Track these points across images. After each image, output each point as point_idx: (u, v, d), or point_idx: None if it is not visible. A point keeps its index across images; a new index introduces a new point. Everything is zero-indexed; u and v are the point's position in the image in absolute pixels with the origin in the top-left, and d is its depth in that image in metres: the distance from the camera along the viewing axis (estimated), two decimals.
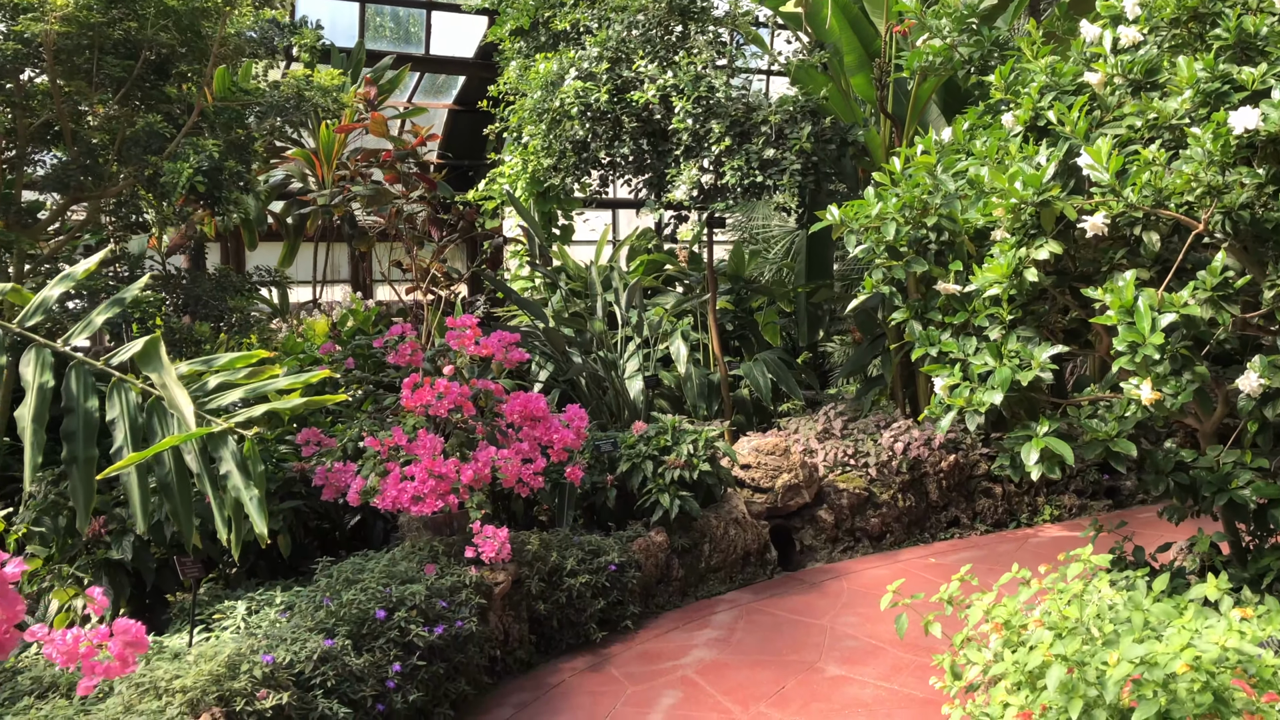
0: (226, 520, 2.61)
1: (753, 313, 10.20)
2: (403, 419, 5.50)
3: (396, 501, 5.13)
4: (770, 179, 7.55)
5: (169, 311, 5.21)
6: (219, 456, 2.57)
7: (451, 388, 5.44)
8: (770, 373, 8.68)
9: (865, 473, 7.62)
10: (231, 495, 2.56)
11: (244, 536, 2.71)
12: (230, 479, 2.54)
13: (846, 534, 7.43)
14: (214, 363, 2.78)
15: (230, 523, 2.65)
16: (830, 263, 9.42)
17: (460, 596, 4.96)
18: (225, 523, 2.61)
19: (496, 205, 11.11)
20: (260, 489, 2.56)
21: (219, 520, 2.59)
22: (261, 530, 2.56)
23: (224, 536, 2.63)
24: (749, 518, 6.86)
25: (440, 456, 5.30)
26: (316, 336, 8.01)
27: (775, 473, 7.19)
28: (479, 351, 5.64)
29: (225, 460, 2.56)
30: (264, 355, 2.87)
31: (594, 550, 5.93)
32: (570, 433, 5.83)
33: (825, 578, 6.87)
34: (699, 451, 6.65)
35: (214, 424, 2.59)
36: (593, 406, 7.74)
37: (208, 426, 2.57)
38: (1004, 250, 4.02)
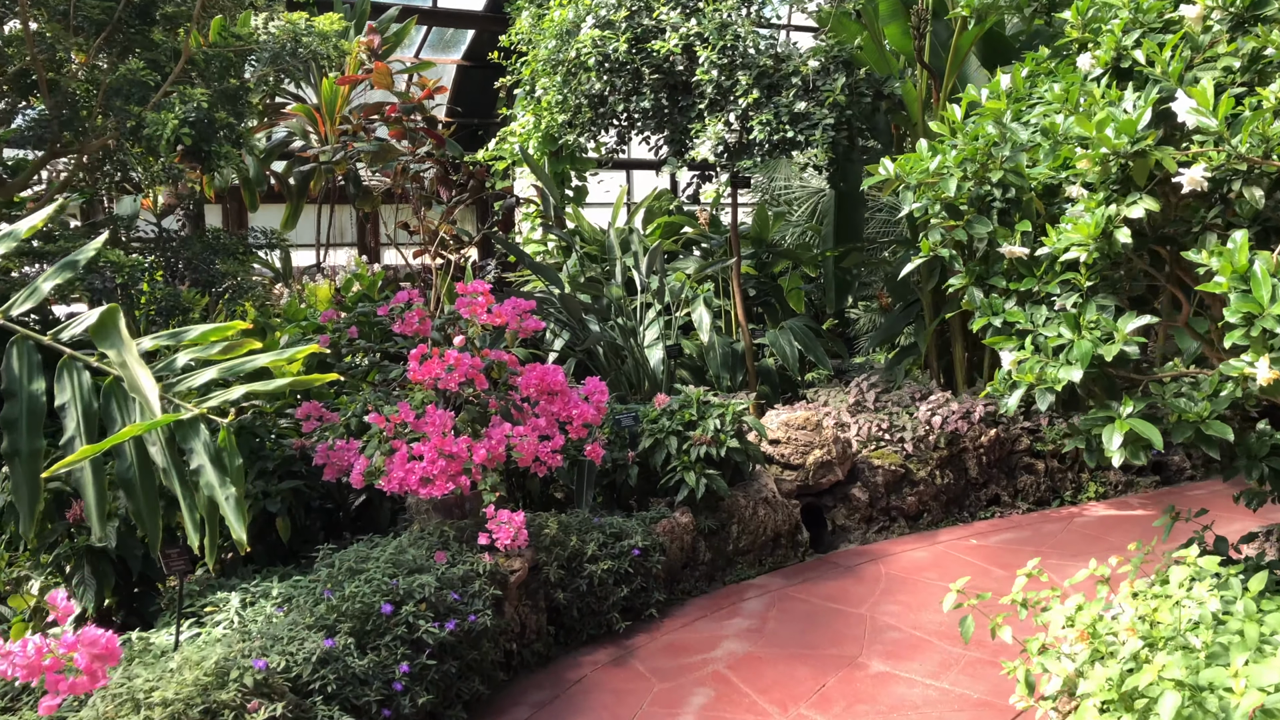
0: (198, 523, 2.20)
1: (776, 278, 9.72)
2: (410, 393, 5.07)
3: (403, 484, 4.71)
4: (801, 134, 7.05)
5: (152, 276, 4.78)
6: (189, 448, 2.15)
7: (462, 359, 5.01)
8: (797, 341, 8.22)
9: (901, 448, 7.18)
10: (204, 494, 2.14)
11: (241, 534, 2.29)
12: (202, 474, 2.13)
13: (881, 513, 7.01)
14: (183, 336, 2.36)
15: (203, 526, 2.23)
16: (861, 225, 8.93)
17: (473, 587, 4.56)
18: (196, 526, 2.20)
19: (507, 165, 10.63)
20: (238, 486, 2.14)
21: (189, 523, 2.18)
22: (240, 536, 2.14)
23: (195, 542, 2.22)
24: (779, 497, 6.44)
25: (450, 434, 4.88)
26: (319, 302, 7.57)
27: (806, 448, 6.76)
28: (492, 320, 5.20)
29: (196, 452, 2.14)
30: (242, 326, 2.44)
31: (616, 533, 5.52)
32: (590, 408, 5.40)
33: (861, 561, 6.45)
34: (726, 426, 6.22)
35: (183, 410, 2.16)
36: (611, 377, 7.31)
37: (175, 413, 2.15)
38: (1090, 208, 3.54)
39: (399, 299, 5.17)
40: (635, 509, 6.26)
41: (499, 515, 4.71)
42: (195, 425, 2.14)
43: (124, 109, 4.63)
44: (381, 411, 4.93)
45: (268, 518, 5.13)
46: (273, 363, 2.33)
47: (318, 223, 9.76)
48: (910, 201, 4.16)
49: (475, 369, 5.10)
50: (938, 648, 5.11)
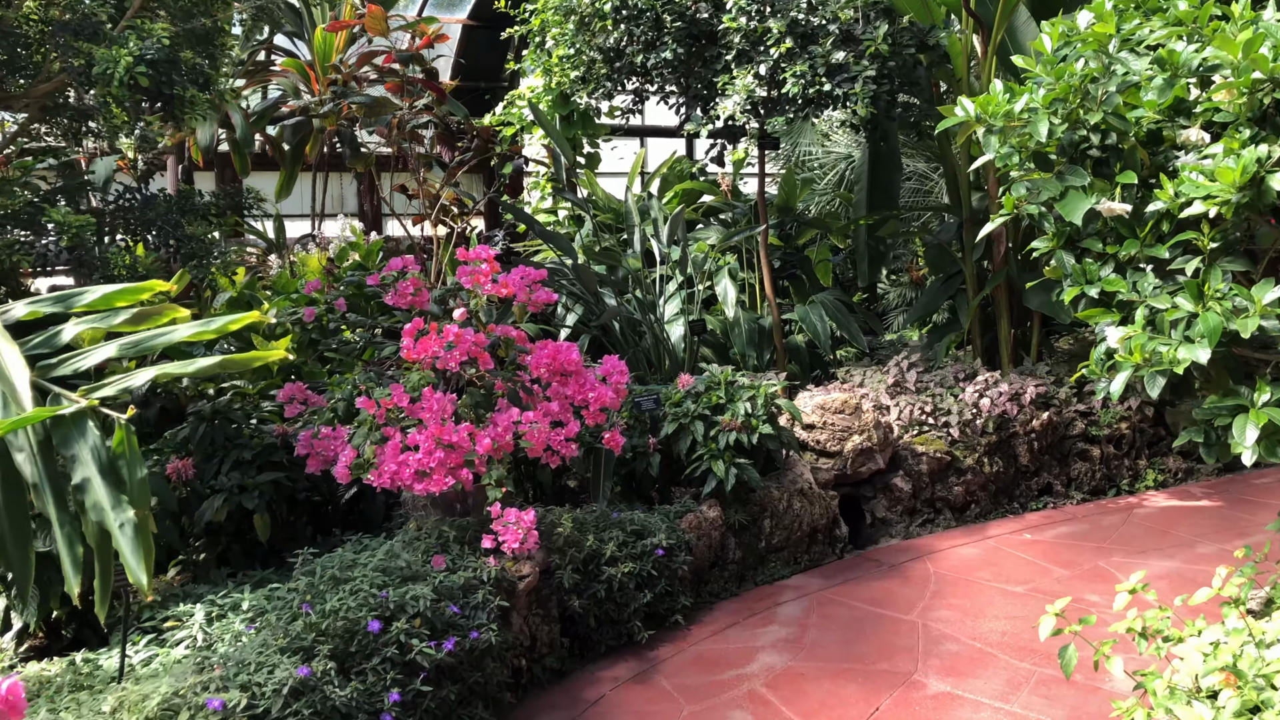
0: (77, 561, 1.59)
1: (801, 249, 9.07)
2: (405, 374, 4.47)
3: (396, 478, 4.11)
4: (839, 88, 6.39)
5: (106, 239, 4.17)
6: (71, 455, 1.54)
7: (464, 335, 4.40)
8: (829, 316, 7.58)
9: (946, 433, 6.56)
10: (91, 519, 1.54)
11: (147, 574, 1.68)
12: (89, 491, 1.53)
13: (925, 505, 6.40)
14: (76, 301, 1.75)
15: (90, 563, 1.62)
16: (897, 191, 8.27)
17: (476, 598, 3.96)
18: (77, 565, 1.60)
19: (515, 131, 9.97)
20: (140, 507, 1.55)
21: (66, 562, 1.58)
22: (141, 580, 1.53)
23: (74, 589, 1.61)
24: (815, 488, 5.82)
25: (450, 421, 4.27)
26: (309, 273, 6.97)
27: (844, 434, 6.14)
28: (497, 291, 4.58)
29: (81, 461, 1.54)
30: (160, 288, 1.82)
31: (637, 531, 4.92)
32: (608, 390, 4.79)
33: (905, 558, 5.84)
34: (758, 410, 5.60)
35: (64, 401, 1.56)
36: (628, 355, 6.69)
37: (51, 406, 1.55)
38: (1232, 148, 2.90)
39: (392, 266, 4.56)
40: (656, 501, 5.66)
41: (506, 514, 4.11)
42: (80, 423, 1.54)
43: (72, 45, 4.01)
44: (372, 395, 4.32)
45: (245, 514, 4.54)
46: (195, 335, 1.72)
47: (312, 189, 9.13)
48: (994, 147, 3.51)
49: (479, 346, 4.49)
50: (1003, 662, 4.50)
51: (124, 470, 1.55)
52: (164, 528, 4.27)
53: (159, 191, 4.57)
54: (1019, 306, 7.76)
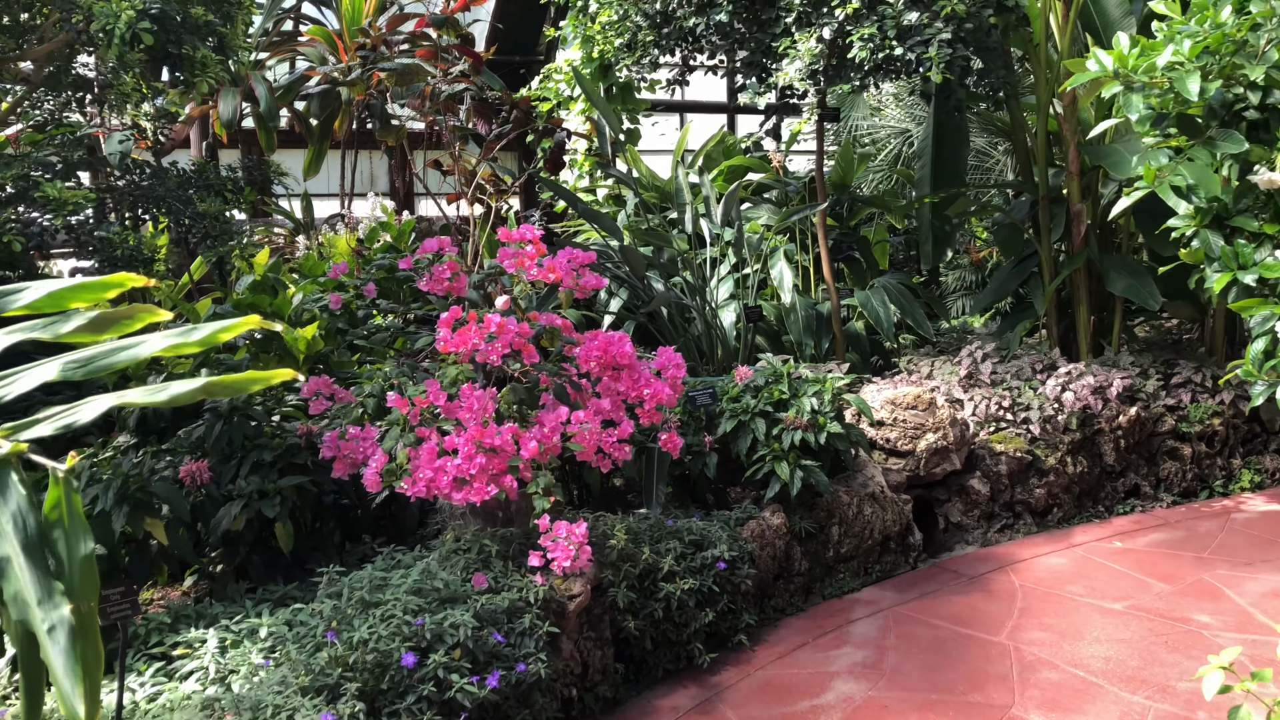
0: None
1: (856, 229, 8.50)
2: (441, 368, 4.01)
3: (432, 486, 3.66)
4: (911, 51, 5.83)
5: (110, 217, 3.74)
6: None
7: (507, 325, 3.93)
8: (892, 302, 7.04)
9: (1025, 431, 6.02)
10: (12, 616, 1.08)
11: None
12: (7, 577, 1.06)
13: (1004, 509, 5.87)
14: (9, 302, 1.29)
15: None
16: (964, 166, 7.70)
17: (522, 623, 3.51)
18: None
19: (552, 107, 9.48)
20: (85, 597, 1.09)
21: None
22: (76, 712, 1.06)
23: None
24: (888, 491, 5.32)
25: (492, 421, 3.81)
26: (337, 255, 6.53)
27: (917, 432, 5.63)
28: (543, 276, 4.11)
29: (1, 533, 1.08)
30: (134, 283, 1.36)
31: (696, 541, 4.45)
32: (664, 386, 4.31)
33: (986, 568, 5.33)
34: (825, 407, 5.10)
35: None
36: (679, 344, 6.20)
37: None
38: None
39: (426, 248, 4.09)
40: (712, 505, 5.19)
41: (556, 528, 3.65)
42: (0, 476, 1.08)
43: (71, 1, 3.56)
44: (405, 391, 3.87)
45: (265, 522, 4.11)
46: (171, 349, 1.26)
47: (341, 167, 8.69)
48: (1137, 107, 2.98)
49: (523, 337, 4.02)
50: (1112, 695, 3.99)
51: (60, 545, 1.10)
52: (176, 538, 3.85)
53: (170, 165, 4.12)
54: (1099, 291, 7.19)
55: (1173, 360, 6.94)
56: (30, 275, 4.97)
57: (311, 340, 5.71)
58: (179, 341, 1.27)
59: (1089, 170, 6.97)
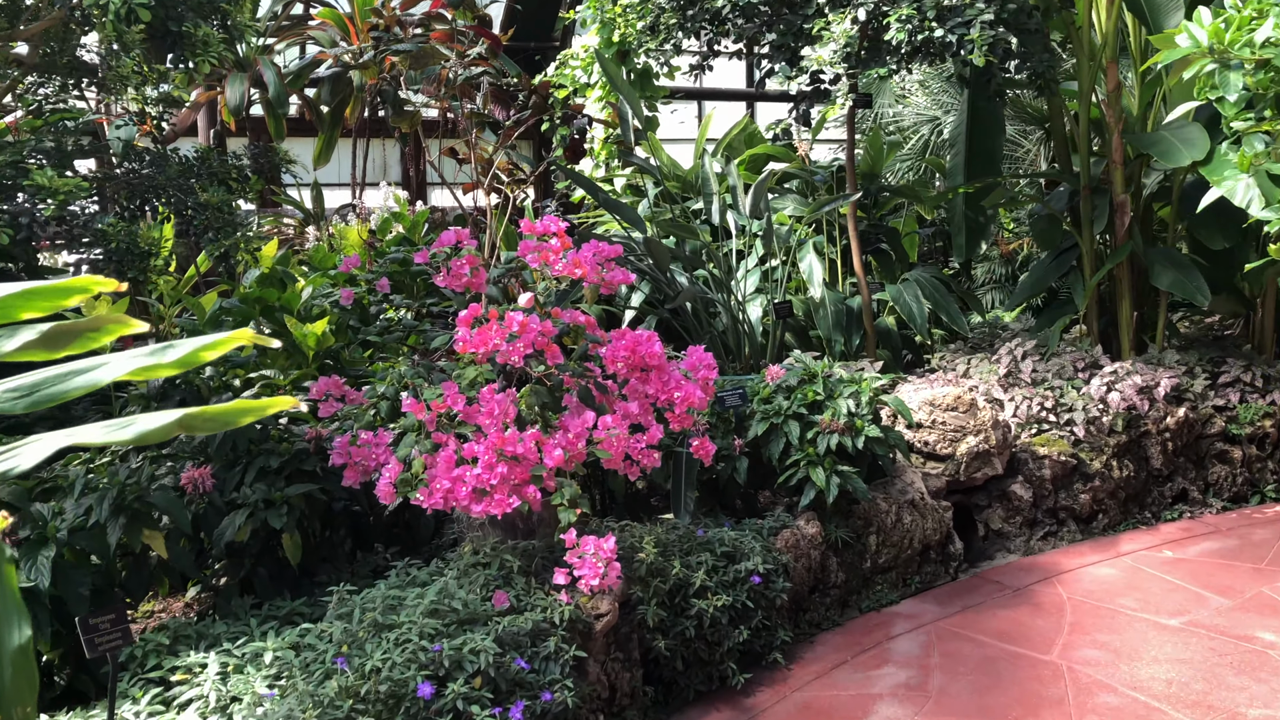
0: None
1: (882, 220, 8.21)
2: (458, 368, 3.75)
3: (450, 498, 3.40)
4: (952, 33, 5.54)
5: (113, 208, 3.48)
6: None
7: (529, 323, 3.66)
8: (925, 297, 6.75)
9: (1069, 433, 5.73)
10: None
11: None
12: None
13: (1047, 515, 5.59)
14: None
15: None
16: (999, 155, 7.39)
17: (547, 646, 3.25)
18: None
19: (568, 94, 9.20)
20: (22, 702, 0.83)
21: None
22: None
23: None
24: (927, 498, 5.04)
25: (513, 426, 3.55)
26: (348, 247, 6.28)
27: (957, 435, 5.34)
28: (569, 271, 3.83)
29: None
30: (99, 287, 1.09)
31: (729, 553, 4.18)
32: (695, 388, 4.04)
33: (1030, 580, 5.06)
34: (862, 409, 4.83)
35: None
36: (707, 341, 5.93)
37: None
38: None
39: (443, 240, 3.83)
40: (741, 511, 4.93)
41: (583, 543, 3.39)
42: None
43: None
44: (421, 395, 3.61)
45: (271, 532, 3.86)
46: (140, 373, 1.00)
47: (353, 155, 8.43)
48: (1234, 86, 2.69)
49: (546, 337, 3.76)
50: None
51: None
52: (176, 551, 3.60)
53: (172, 151, 3.87)
54: (1142, 286, 6.89)
55: (1219, 358, 6.63)
56: (31, 269, 4.73)
57: (321, 336, 5.46)
58: (152, 363, 1.01)
59: (1131, 160, 6.67)
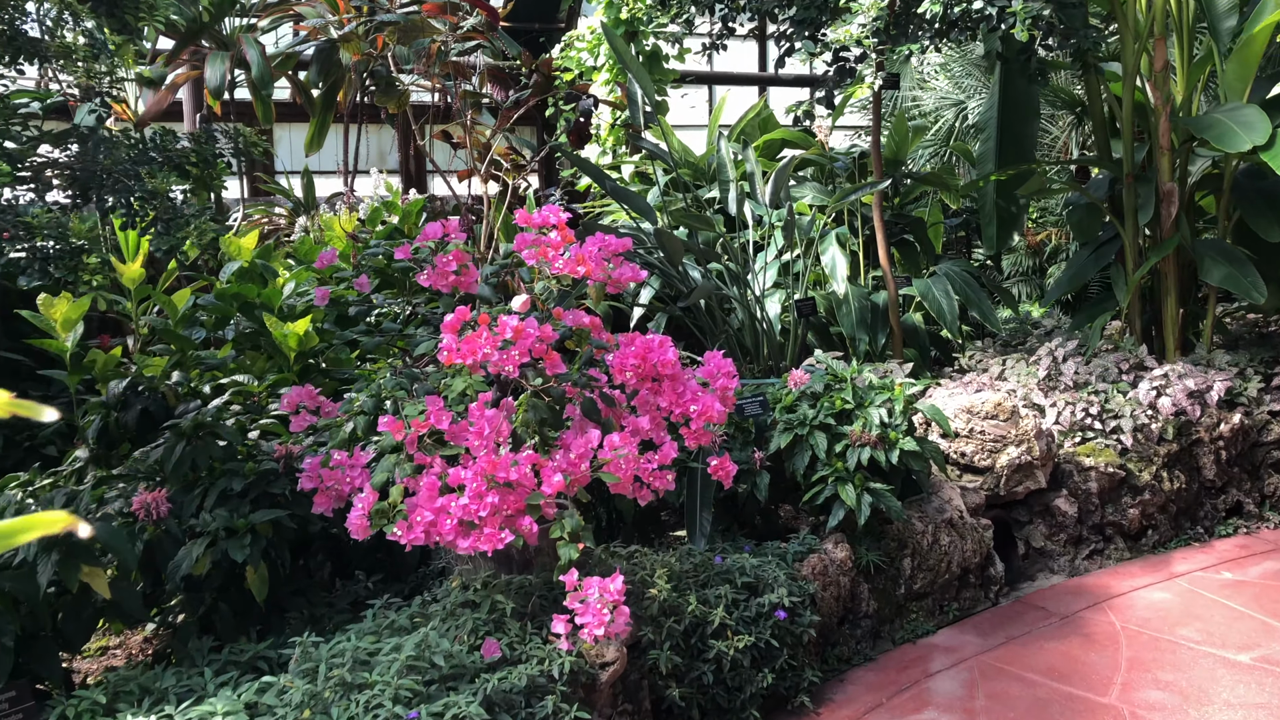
0: None
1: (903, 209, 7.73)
2: (445, 381, 3.30)
3: (433, 531, 2.96)
4: (992, 5, 5.06)
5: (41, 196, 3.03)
6: None
7: (525, 329, 3.21)
8: (955, 292, 6.28)
9: (1116, 441, 5.27)
10: None
11: None
12: None
13: (1093, 531, 5.13)
14: None
15: None
16: (1032, 142, 6.91)
17: (545, 706, 2.81)
18: None
19: (574, 77, 8.74)
20: None
21: None
22: None
23: None
24: (967, 516, 4.59)
25: (506, 446, 3.11)
26: (334, 240, 5.83)
27: (997, 445, 4.89)
28: (570, 269, 3.38)
29: None
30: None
31: (750, 584, 3.74)
32: (714, 400, 3.57)
33: (1079, 605, 4.60)
34: (895, 419, 4.37)
35: None
36: (721, 341, 5.47)
37: None
38: None
39: (428, 234, 3.37)
40: (762, 529, 4.48)
41: (586, 586, 2.93)
42: None
43: None
44: (402, 411, 3.16)
45: (235, 564, 3.42)
46: None
47: (345, 141, 7.97)
48: None
49: (545, 343, 3.30)
50: None
51: None
52: (121, 589, 3.16)
53: (120, 133, 3.41)
54: (1189, 281, 6.42)
55: (1271, 358, 6.16)
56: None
57: (304, 336, 5.03)
58: None
59: (1178, 146, 6.18)
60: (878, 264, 7.10)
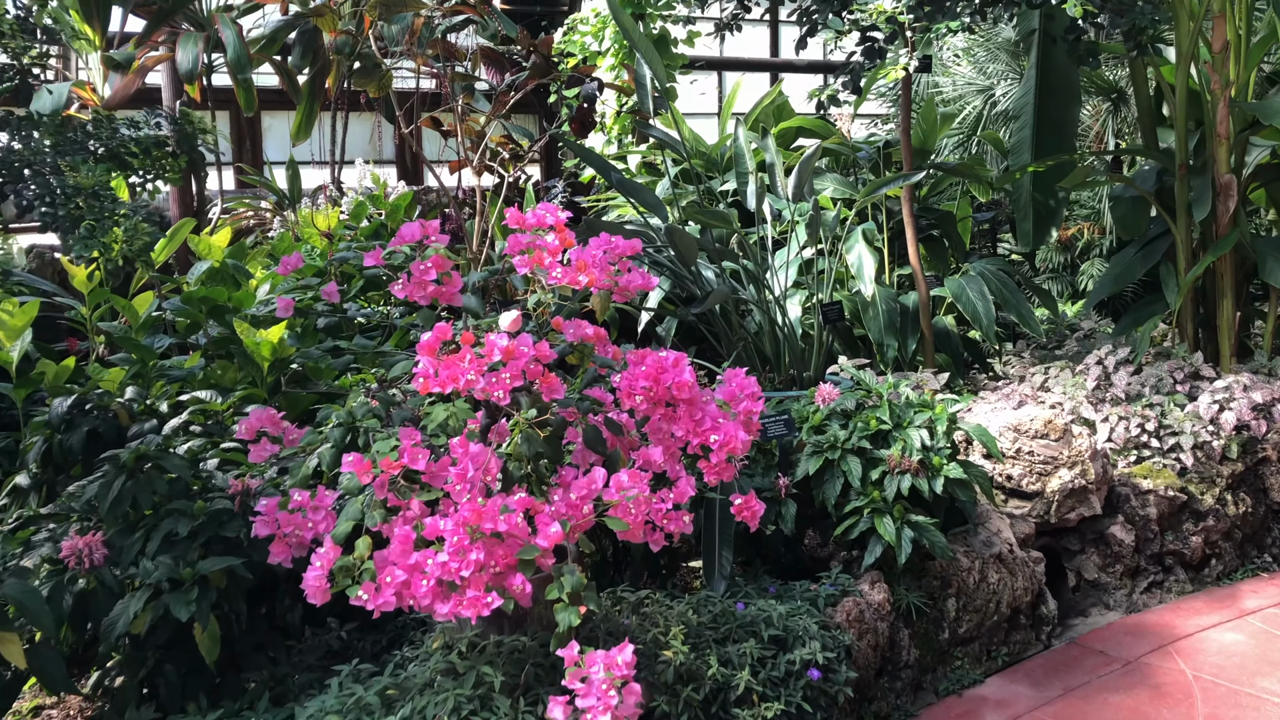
0: None
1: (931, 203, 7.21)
2: (425, 413, 2.81)
3: (407, 594, 2.47)
4: None
5: None
6: None
7: (518, 348, 2.72)
8: (991, 293, 5.78)
9: (1175, 460, 4.77)
10: None
11: None
12: None
13: (1151, 560, 4.64)
14: None
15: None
16: (1073, 129, 6.40)
17: None
18: None
19: (577, 63, 8.23)
20: None
21: None
22: None
23: None
24: (1016, 550, 4.10)
25: (494, 488, 2.63)
26: (316, 237, 5.34)
27: (1047, 468, 4.39)
28: (569, 280, 2.88)
29: None
30: None
31: (778, 638, 3.25)
32: (737, 427, 3.07)
33: (1142, 648, 4.11)
34: (938, 441, 3.88)
35: None
36: (740, 348, 4.98)
37: None
38: None
39: (403, 236, 2.88)
40: (787, 561, 4.00)
41: (588, 661, 2.45)
42: None
43: None
44: (372, 448, 2.67)
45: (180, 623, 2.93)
46: None
47: (332, 130, 7.48)
48: None
49: (542, 363, 2.81)
50: None
51: None
52: (41, 654, 2.68)
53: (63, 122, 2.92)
54: (1243, 282, 5.91)
55: None
56: None
57: (278, 345, 4.56)
58: None
59: (1235, 135, 5.67)
60: (903, 262, 6.60)
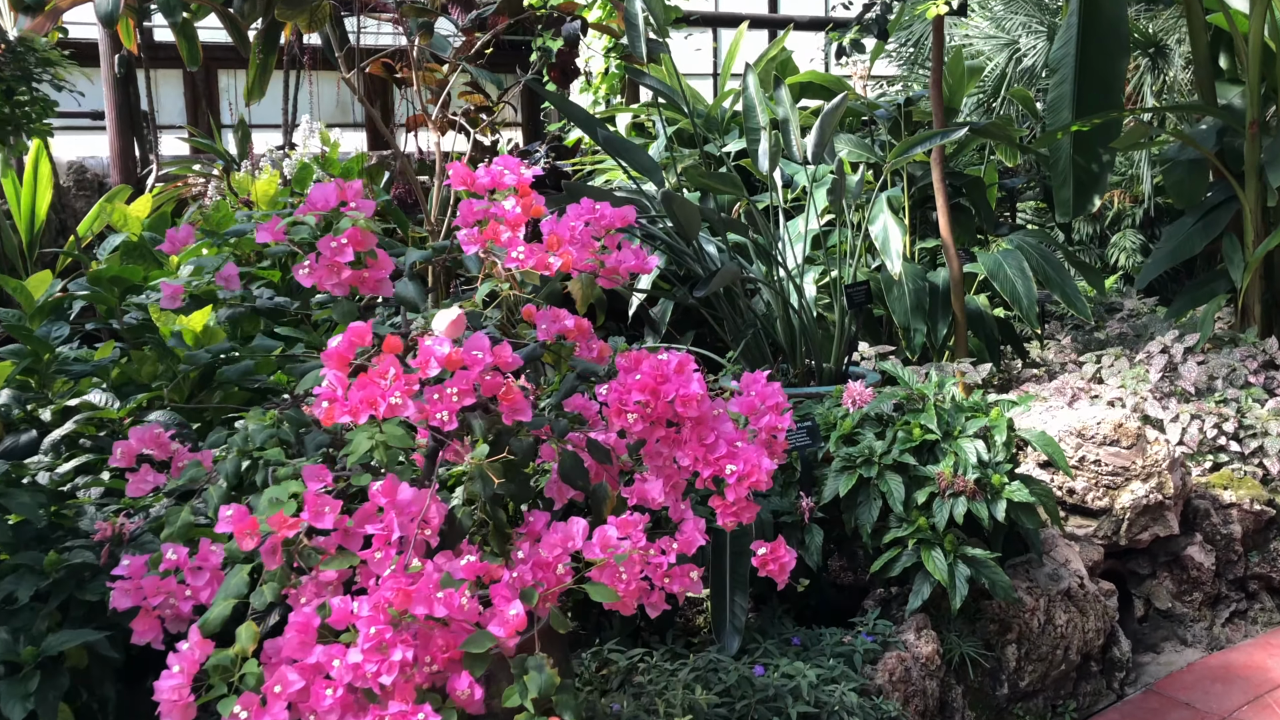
0: None
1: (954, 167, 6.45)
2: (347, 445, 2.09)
3: (305, 708, 1.75)
4: None
5: None
6: None
7: (467, 356, 1.99)
8: (1031, 269, 5.06)
9: (1258, 466, 4.09)
10: None
11: None
12: None
13: (1233, 586, 3.96)
14: None
15: None
16: (1120, 83, 5.64)
17: None
18: None
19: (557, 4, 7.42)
20: None
21: None
22: None
23: None
24: (1087, 583, 3.40)
25: (433, 544, 1.92)
26: (261, 202, 4.58)
27: (1115, 480, 3.69)
28: (537, 262, 2.14)
29: None
30: None
31: (810, 716, 2.55)
32: (758, 451, 2.34)
33: (1235, 699, 3.42)
34: (996, 455, 3.17)
35: None
36: (749, 336, 4.25)
37: None
38: None
39: (313, 202, 2.14)
40: (811, 601, 3.30)
41: None
42: None
43: None
44: (264, 495, 1.95)
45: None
46: None
47: (285, 89, 6.69)
48: None
49: (506, 369, 2.08)
50: None
51: None
52: None
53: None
54: None
55: None
56: None
57: (203, 334, 3.84)
58: None
59: None
60: (924, 234, 5.88)
